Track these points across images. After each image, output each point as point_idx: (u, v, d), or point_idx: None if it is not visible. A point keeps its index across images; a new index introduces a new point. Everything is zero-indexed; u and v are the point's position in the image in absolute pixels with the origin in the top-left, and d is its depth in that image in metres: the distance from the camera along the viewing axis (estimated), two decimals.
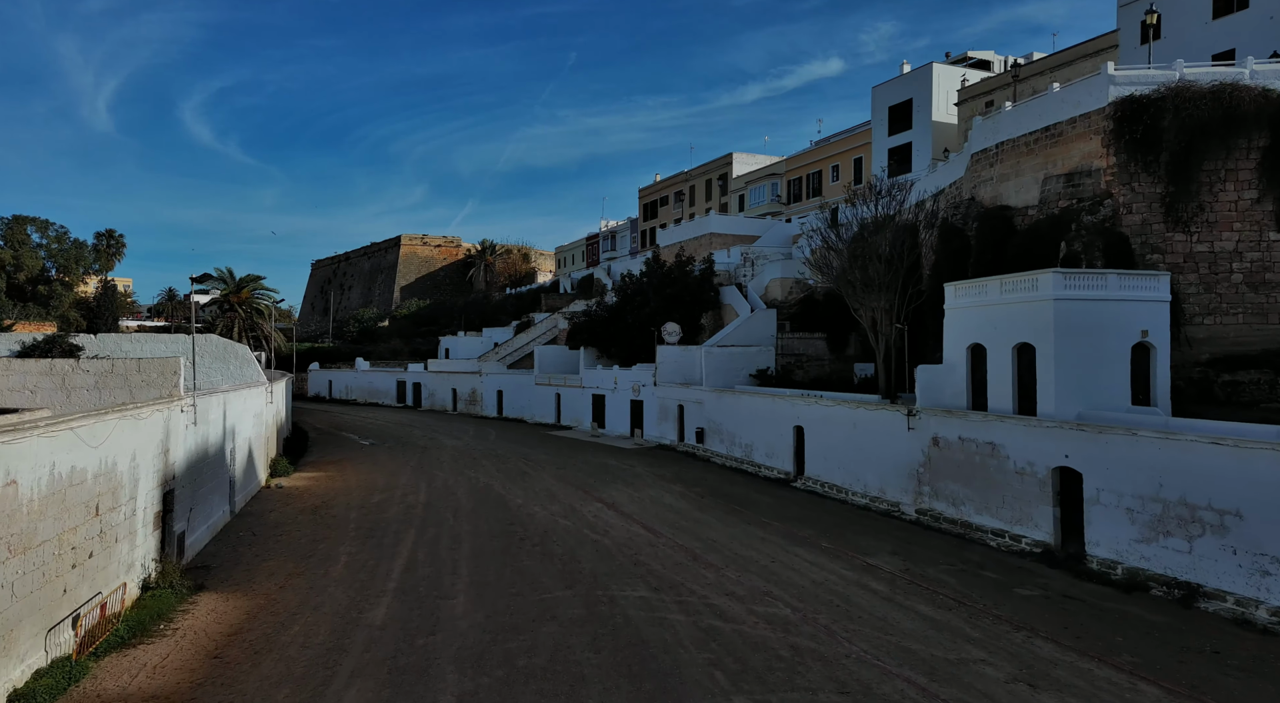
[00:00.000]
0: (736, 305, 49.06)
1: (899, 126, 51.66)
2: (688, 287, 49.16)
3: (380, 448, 41.43)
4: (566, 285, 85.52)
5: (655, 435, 43.72)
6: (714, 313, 50.52)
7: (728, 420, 36.45)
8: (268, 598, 16.29)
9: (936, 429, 23.64)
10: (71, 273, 78.87)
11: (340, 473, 32.82)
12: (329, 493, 28.13)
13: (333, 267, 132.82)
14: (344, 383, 78.35)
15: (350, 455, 38.21)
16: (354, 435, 47.65)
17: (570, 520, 23.88)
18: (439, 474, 32.47)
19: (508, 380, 60.09)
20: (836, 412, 28.57)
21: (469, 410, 63.93)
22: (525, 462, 36.16)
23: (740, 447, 35.23)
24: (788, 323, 47.96)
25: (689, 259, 50.98)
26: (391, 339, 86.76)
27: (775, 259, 50.51)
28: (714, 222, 55.50)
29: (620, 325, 50.23)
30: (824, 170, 58.67)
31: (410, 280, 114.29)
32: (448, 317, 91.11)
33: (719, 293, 50.52)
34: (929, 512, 23.72)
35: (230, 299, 41.70)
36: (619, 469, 33.90)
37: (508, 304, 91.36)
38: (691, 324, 48.75)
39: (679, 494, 28.32)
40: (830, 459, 28.77)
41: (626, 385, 46.89)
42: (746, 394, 35.40)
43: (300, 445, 40.37)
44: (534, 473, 32.86)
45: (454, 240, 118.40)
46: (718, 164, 71.10)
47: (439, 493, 28.30)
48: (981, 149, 32.53)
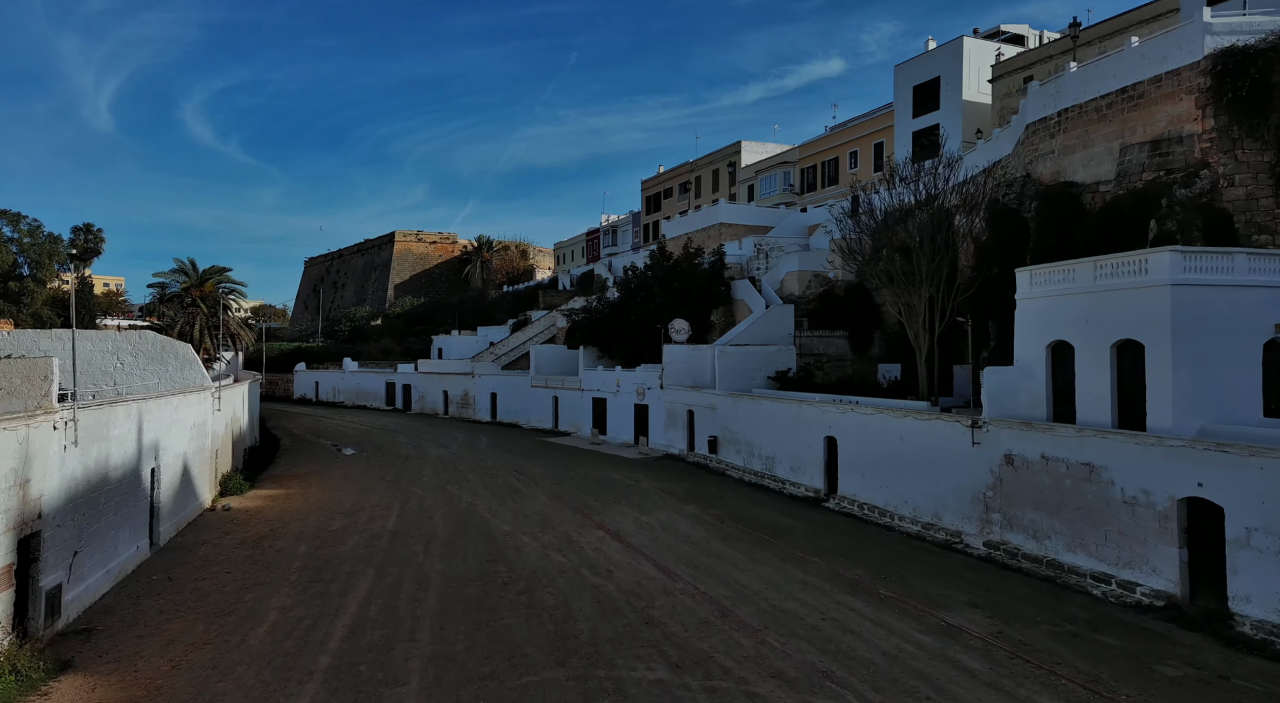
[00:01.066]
0: (750, 301, 44.71)
1: (925, 107, 47.28)
2: (696, 280, 44.80)
3: (357, 458, 37.06)
4: (566, 282, 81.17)
5: (662, 444, 39.35)
6: (725, 309, 46.16)
7: (745, 429, 32.08)
8: (149, 687, 11.89)
9: (1010, 445, 19.27)
10: (45, 268, 74.38)
11: (304, 490, 28.45)
12: (283, 517, 23.76)
13: (326, 264, 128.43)
14: (331, 384, 73.95)
15: (322, 467, 33.84)
16: (331, 443, 43.27)
17: (566, 555, 19.51)
18: (416, 492, 28.09)
19: (502, 382, 55.73)
20: (878, 421, 24.20)
21: (461, 414, 59.54)
22: (517, 475, 31.79)
23: (760, 459, 30.87)
24: (805, 320, 43.62)
25: (697, 251, 46.63)
26: (382, 338, 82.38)
27: (792, 251, 46.15)
28: (724, 211, 51.16)
29: (623, 323, 45.89)
30: (840, 157, 54.30)
31: (404, 278, 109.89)
32: (443, 315, 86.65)
33: (730, 287, 46.16)
34: (1002, 546, 19.35)
35: (192, 293, 37.45)
36: (623, 485, 29.53)
37: (504, 302, 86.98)
38: (700, 321, 44.41)
39: (694, 518, 23.95)
40: (870, 477, 24.40)
41: (630, 388, 42.53)
42: (767, 399, 31.03)
43: (267, 456, 36.00)
44: (526, 490, 28.50)
45: (450, 237, 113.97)
46: (725, 153, 66.74)
47: (412, 517, 23.92)
48: (1039, 118, 28.15)
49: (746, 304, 45.10)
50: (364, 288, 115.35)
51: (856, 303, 43.26)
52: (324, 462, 35.74)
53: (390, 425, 52.91)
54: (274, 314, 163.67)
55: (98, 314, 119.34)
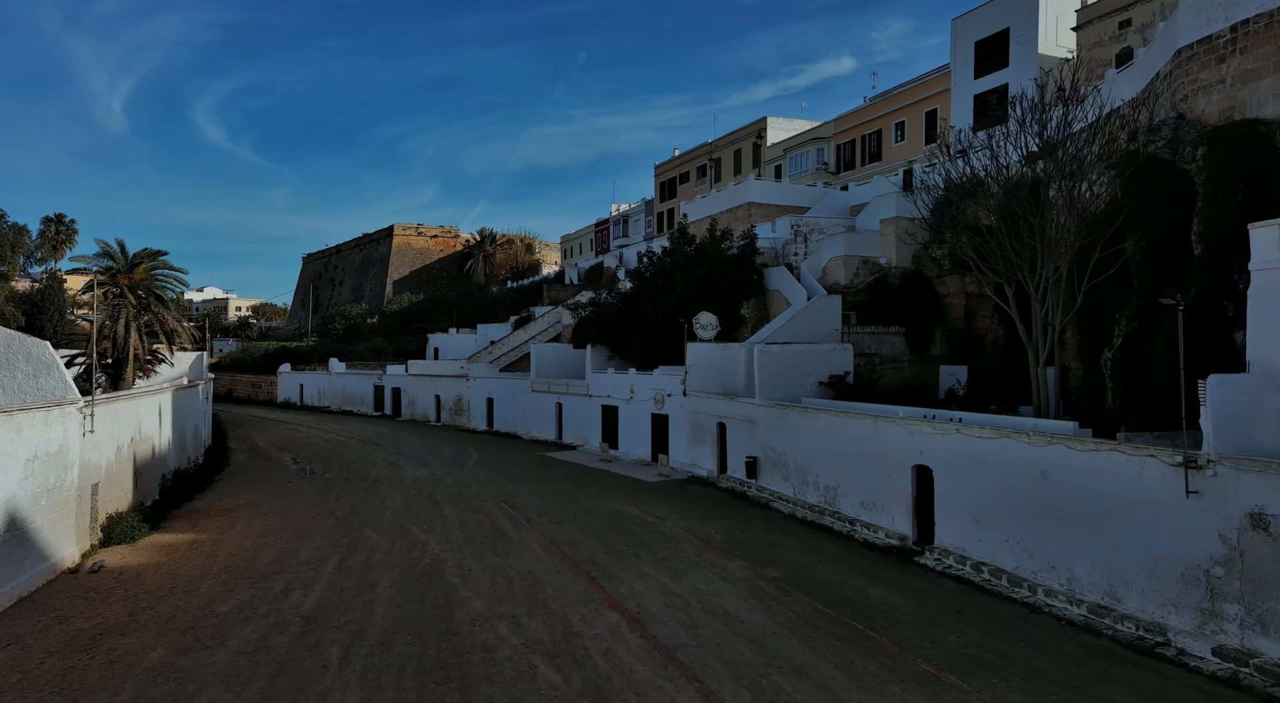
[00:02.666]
0: (787, 291, 37.52)
1: (990, 65, 39.96)
2: (724, 267, 37.64)
3: (314, 481, 30.05)
4: (573, 276, 74.11)
5: (685, 463, 32.20)
6: (757, 301, 38.97)
7: (797, 449, 24.91)
8: None
9: (1260, 498, 12.07)
10: (8, 262, 67.72)
11: (222, 533, 21.41)
12: (163, 586, 16.71)
13: (323, 260, 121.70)
14: (316, 387, 67.09)
15: (262, 496, 26.83)
16: (293, 460, 36.29)
17: (561, 667, 12.39)
18: (369, 537, 21.01)
19: (498, 386, 48.68)
20: (1001, 449, 16.98)
21: (454, 422, 52.52)
22: (506, 508, 24.70)
23: (817, 488, 23.69)
24: (853, 314, 36.45)
25: (725, 233, 39.43)
26: (374, 337, 75.45)
27: (836, 233, 38.92)
28: (753, 188, 43.94)
29: (637, 318, 38.78)
30: (884, 130, 47.01)
31: (403, 274, 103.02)
32: (442, 313, 79.60)
33: (763, 276, 38.98)
34: (1250, 659, 12.12)
35: (119, 281, 30.71)
36: (641, 525, 22.39)
37: (507, 298, 80.00)
38: (729, 315, 37.26)
39: (745, 586, 16.78)
40: (989, 526, 17.20)
41: (646, 395, 35.41)
42: (826, 413, 23.80)
43: (202, 480, 29.01)
44: (514, 533, 21.39)
45: (451, 230, 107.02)
46: (749, 131, 59.51)
47: (348, 585, 16.83)
48: (1200, 38, 20.81)
49: (783, 295, 37.91)
50: (361, 285, 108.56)
51: (915, 293, 36.03)
52: (271, 487, 28.73)
53: (371, 436, 45.90)
54: (274, 313, 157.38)
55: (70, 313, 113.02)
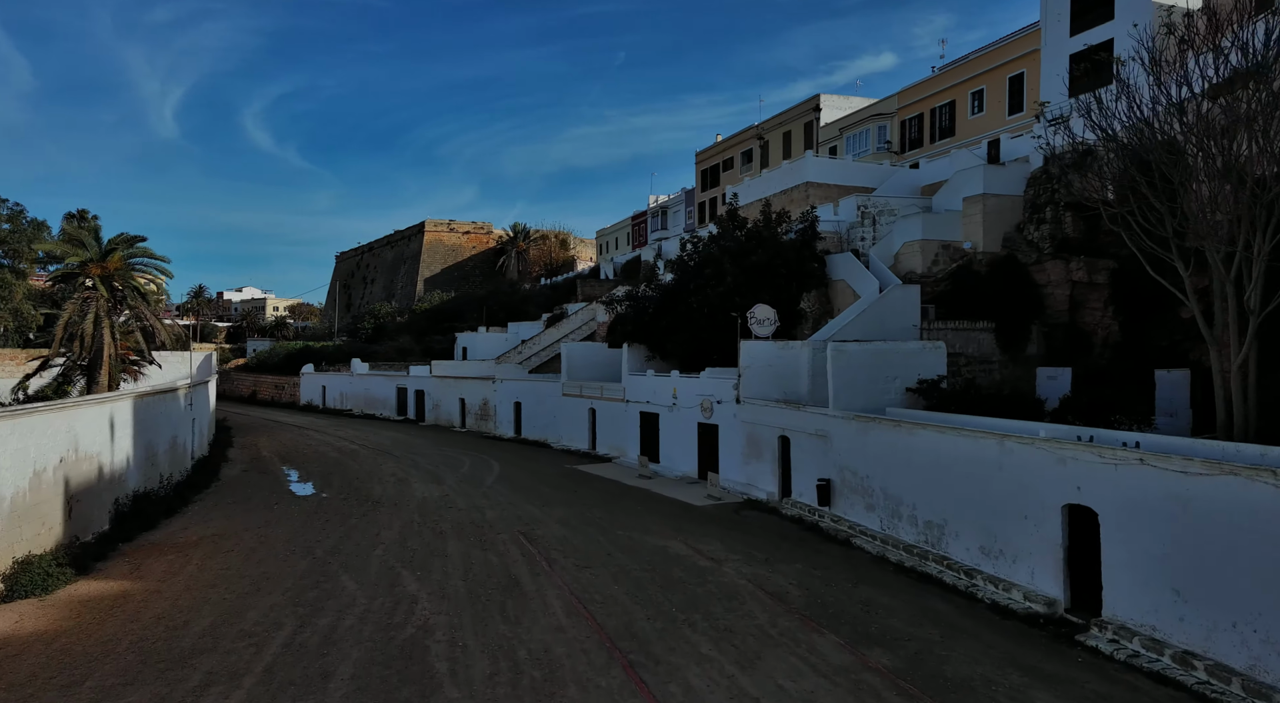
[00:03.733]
0: (854, 281, 32.21)
1: (1090, 18, 34.17)
2: (780, 254, 32.41)
3: (306, 503, 25.52)
4: (608, 271, 69.32)
5: (738, 482, 27.10)
6: (819, 293, 33.70)
7: (885, 472, 19.67)
8: None
9: None
10: (25, 258, 64.79)
11: (165, 579, 16.82)
12: (39, 674, 12.09)
13: (355, 258, 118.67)
14: (338, 389, 63.12)
15: (238, 524, 22.29)
16: (295, 474, 31.92)
17: None
18: (346, 586, 16.26)
19: (527, 389, 43.99)
20: (1224, 492, 11.62)
21: (480, 428, 47.97)
22: (525, 542, 19.85)
23: (914, 524, 18.45)
24: (931, 308, 31.10)
25: (781, 215, 34.19)
26: (401, 336, 71.36)
27: (911, 214, 33.49)
28: (811, 166, 38.57)
29: (680, 313, 33.72)
30: (958, 101, 41.34)
31: (435, 271, 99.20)
32: (474, 311, 75.33)
33: (825, 263, 33.70)
34: None
35: (89, 270, 26.56)
36: (692, 570, 17.35)
37: (539, 295, 75.48)
38: (787, 309, 32.04)
39: (848, 683, 11.62)
40: (1201, 602, 11.84)
41: (691, 401, 30.38)
42: (927, 428, 18.50)
43: (176, 500, 24.60)
44: (531, 582, 16.50)
45: (484, 227, 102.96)
46: (800, 111, 54.08)
47: (293, 674, 12.02)
48: None
49: (848, 286, 32.60)
50: (393, 283, 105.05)
51: (1005, 282, 30.50)
52: (253, 511, 24.22)
53: (386, 444, 41.47)
54: (310, 313, 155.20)
55: None
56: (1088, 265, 28.79)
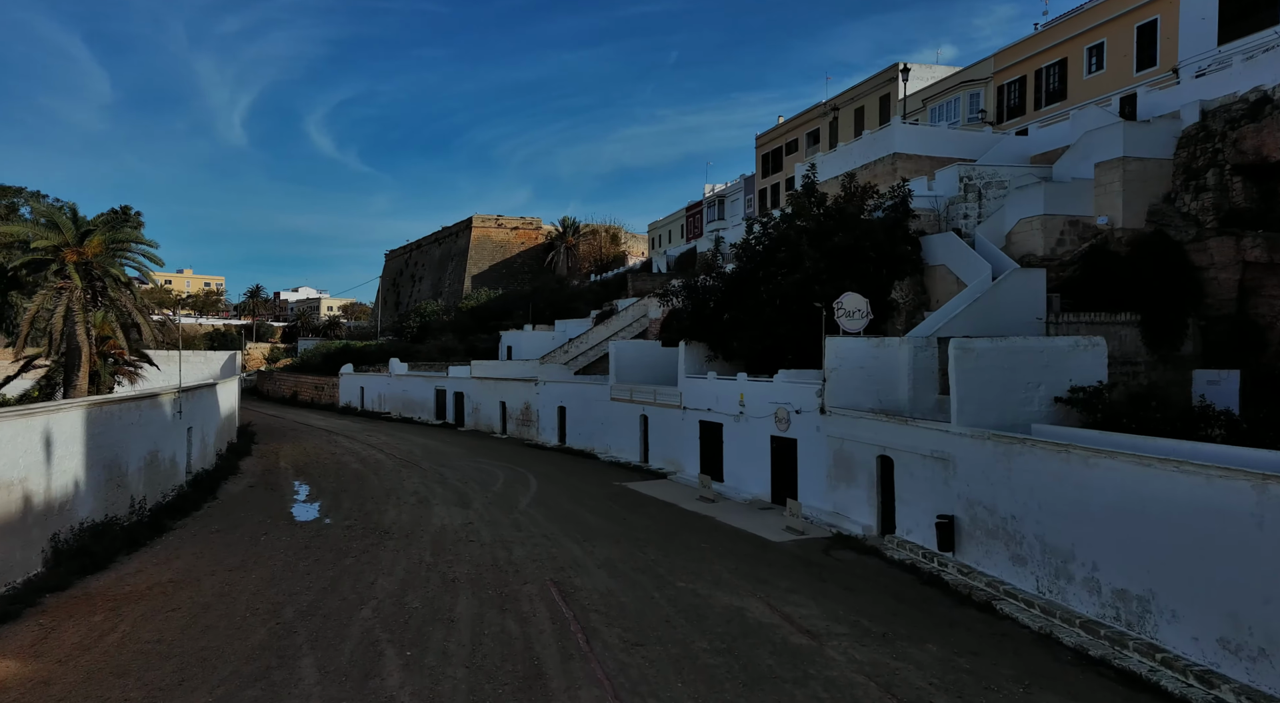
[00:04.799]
0: (957, 265, 26.67)
1: None
2: (868, 235, 27.02)
3: (301, 532, 21.10)
4: (661, 265, 64.35)
5: (824, 510, 21.84)
6: (913, 281, 28.17)
7: (1044, 515, 14.26)
8: None
9: None
10: None
11: (65, 660, 12.36)
12: None
13: (404, 256, 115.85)
14: (376, 391, 59.38)
15: (208, 563, 17.91)
16: (305, 491, 27.73)
17: None
18: (301, 677, 11.60)
19: (572, 392, 39.28)
20: None
21: (521, 434, 43.46)
22: (557, 597, 15.00)
23: (1095, 591, 13.01)
24: (1055, 297, 25.42)
25: (867, 189, 28.72)
26: (444, 334, 67.44)
27: (1028, 184, 27.76)
28: (899, 135, 32.92)
29: (746, 305, 28.54)
30: (1070, 58, 35.19)
31: (483, 268, 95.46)
32: (522, 309, 71.09)
33: (920, 246, 28.19)
34: None
35: (63, 256, 22.75)
36: (783, 653, 12.24)
37: (588, 292, 70.89)
38: (876, 299, 26.59)
39: None
40: None
41: (763, 409, 25.22)
42: (1119, 457, 12.98)
43: (149, 528, 20.38)
44: (558, 669, 11.63)
45: (532, 222, 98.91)
46: (875, 83, 48.26)
47: None
48: None
49: (950, 271, 27.05)
50: (440, 281, 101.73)
51: (1153, 265, 24.62)
52: (235, 543, 19.88)
53: (417, 453, 37.17)
54: (362, 312, 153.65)
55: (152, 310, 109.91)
56: (1267, 243, 22.77)
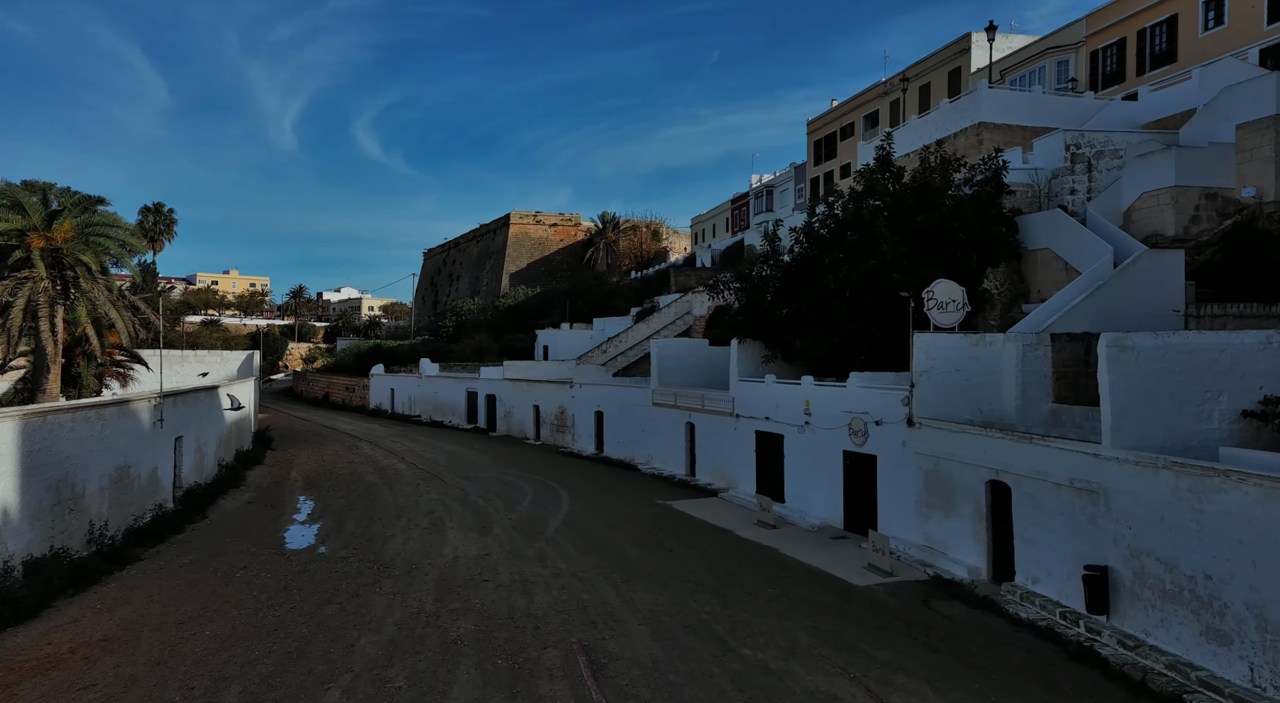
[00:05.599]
0: (1066, 248, 22.28)
1: None
2: (957, 212, 22.74)
3: (287, 567, 17.65)
4: (705, 259, 60.34)
5: (914, 545, 17.68)
6: (1009, 268, 23.80)
7: (1259, 578, 10.05)
8: None
9: None
10: None
11: None
12: None
13: (442, 255, 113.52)
14: (406, 392, 56.37)
15: (158, 614, 14.49)
16: (308, 509, 24.41)
17: None
18: None
19: (609, 396, 35.54)
20: None
21: (555, 440, 39.86)
22: (585, 670, 11.17)
23: None
24: (1190, 285, 20.91)
25: (948, 161, 24.43)
26: (479, 333, 64.29)
27: (1152, 151, 23.20)
28: (985, 101, 28.44)
29: (810, 297, 24.43)
30: (1182, 13, 30.34)
31: (521, 266, 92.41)
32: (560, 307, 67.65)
33: (1014, 227, 23.82)
34: None
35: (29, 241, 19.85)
36: None
37: (627, 289, 67.20)
38: (968, 288, 22.29)
39: None
40: None
41: (833, 419, 21.14)
42: None
43: (101, 562, 17.08)
44: None
45: (571, 218, 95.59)
46: (944, 56, 43.66)
47: None
48: None
49: (1055, 255, 22.65)
50: (478, 279, 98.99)
51: None
52: (200, 583, 16.49)
53: (441, 462, 33.74)
54: (403, 312, 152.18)
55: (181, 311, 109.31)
56: None
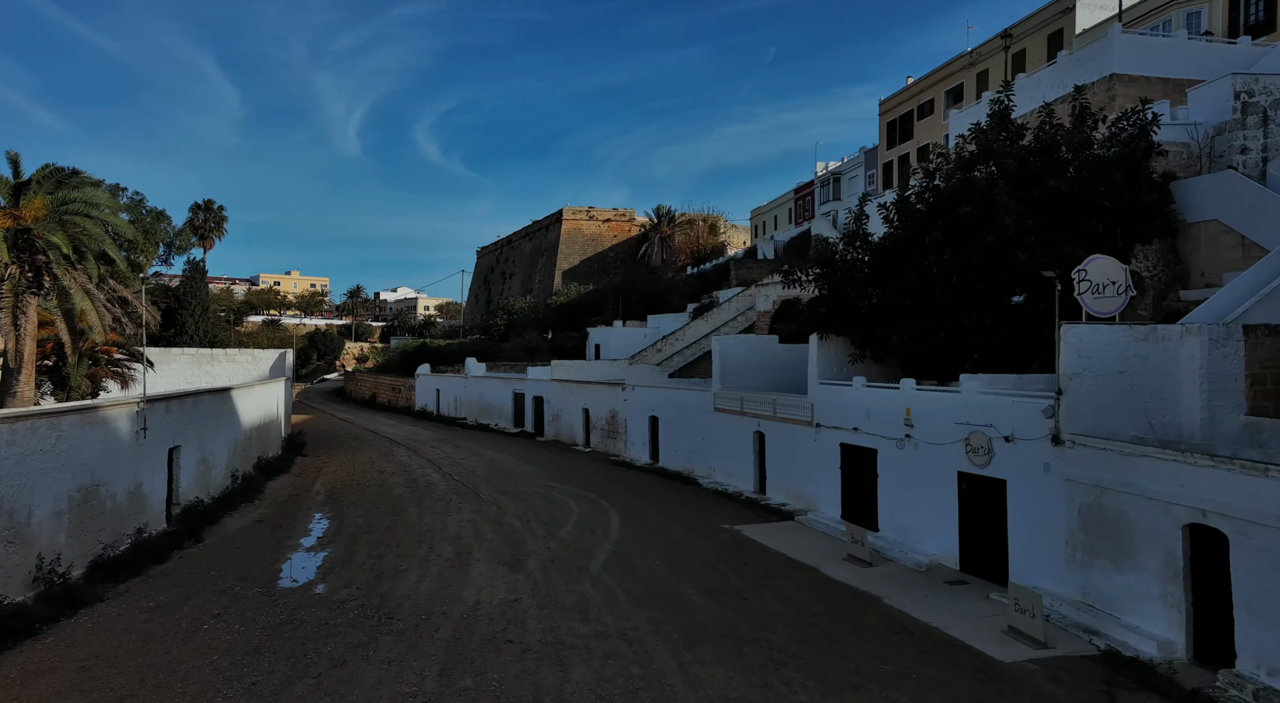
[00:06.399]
0: (1241, 219, 17.55)
1: None
2: (1102, 177, 18.18)
3: (267, 616, 14.22)
4: (767, 251, 56.07)
5: (1065, 602, 13.28)
6: (1162, 245, 19.16)
7: None
8: None
9: None
10: (143, 250, 59.57)
11: None
12: None
13: (495, 253, 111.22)
14: (452, 394, 53.40)
15: (78, 685, 11.24)
16: (318, 533, 21.14)
17: None
18: None
19: (665, 399, 31.65)
20: None
21: (606, 447, 36.17)
22: None
23: None
24: None
25: (1092, 115, 19.79)
26: (528, 332, 61.12)
27: None
28: (1118, 49, 23.54)
29: (907, 284, 20.09)
30: None
31: (574, 263, 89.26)
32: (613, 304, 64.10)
33: (1167, 196, 19.13)
34: None
35: None
36: None
37: (683, 284, 63.29)
38: None
39: None
40: None
41: (944, 432, 16.83)
42: None
43: (50, 604, 13.95)
44: None
45: (625, 214, 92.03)
46: (1043, 18, 38.57)
47: None
48: None
49: (1229, 228, 17.95)
50: (530, 277, 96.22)
51: None
52: (154, 638, 13.17)
53: (480, 473, 30.33)
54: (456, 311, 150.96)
55: (244, 311, 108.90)
56: None
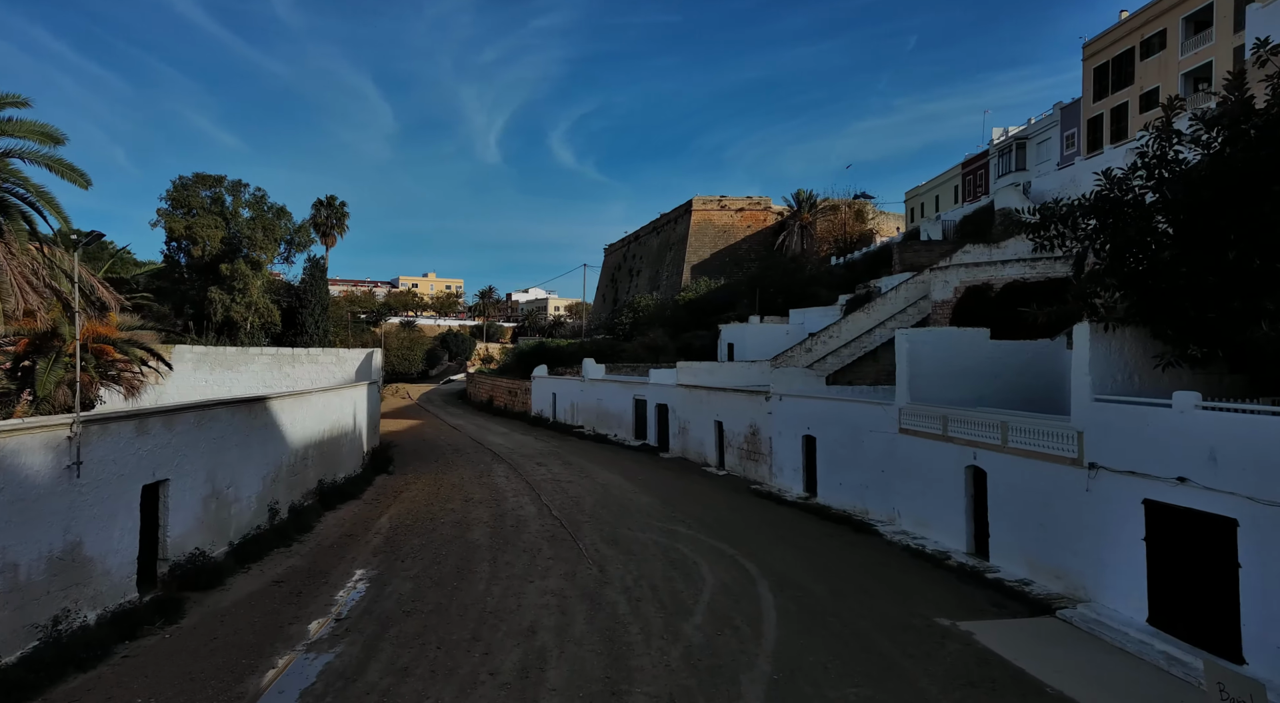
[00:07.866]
0: None
1: None
2: None
3: None
4: (934, 232, 46.84)
5: None
6: None
7: None
8: None
9: None
10: (263, 248, 57.63)
11: None
12: None
13: (623, 250, 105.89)
14: (569, 398, 47.47)
15: None
16: (360, 592, 15.02)
17: None
18: None
19: (825, 414, 23.89)
20: None
21: (745, 471, 28.77)
22: None
23: None
24: None
25: None
26: (652, 329, 54.55)
27: None
28: None
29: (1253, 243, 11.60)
30: None
31: (704, 257, 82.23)
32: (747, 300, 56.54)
33: None
34: None
35: None
36: None
37: (829, 275, 54.89)
38: None
39: None
40: None
41: None
42: None
43: None
44: None
45: (760, 202, 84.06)
46: None
47: None
48: None
49: None
50: (658, 273, 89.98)
51: None
52: None
53: (584, 505, 23.73)
54: (586, 311, 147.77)
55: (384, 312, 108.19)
56: None
